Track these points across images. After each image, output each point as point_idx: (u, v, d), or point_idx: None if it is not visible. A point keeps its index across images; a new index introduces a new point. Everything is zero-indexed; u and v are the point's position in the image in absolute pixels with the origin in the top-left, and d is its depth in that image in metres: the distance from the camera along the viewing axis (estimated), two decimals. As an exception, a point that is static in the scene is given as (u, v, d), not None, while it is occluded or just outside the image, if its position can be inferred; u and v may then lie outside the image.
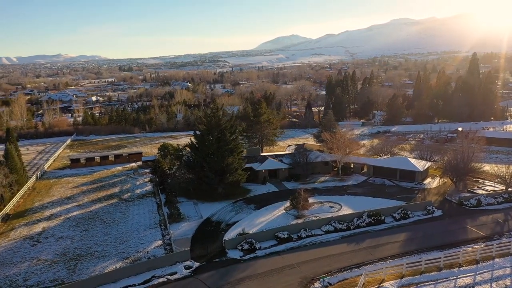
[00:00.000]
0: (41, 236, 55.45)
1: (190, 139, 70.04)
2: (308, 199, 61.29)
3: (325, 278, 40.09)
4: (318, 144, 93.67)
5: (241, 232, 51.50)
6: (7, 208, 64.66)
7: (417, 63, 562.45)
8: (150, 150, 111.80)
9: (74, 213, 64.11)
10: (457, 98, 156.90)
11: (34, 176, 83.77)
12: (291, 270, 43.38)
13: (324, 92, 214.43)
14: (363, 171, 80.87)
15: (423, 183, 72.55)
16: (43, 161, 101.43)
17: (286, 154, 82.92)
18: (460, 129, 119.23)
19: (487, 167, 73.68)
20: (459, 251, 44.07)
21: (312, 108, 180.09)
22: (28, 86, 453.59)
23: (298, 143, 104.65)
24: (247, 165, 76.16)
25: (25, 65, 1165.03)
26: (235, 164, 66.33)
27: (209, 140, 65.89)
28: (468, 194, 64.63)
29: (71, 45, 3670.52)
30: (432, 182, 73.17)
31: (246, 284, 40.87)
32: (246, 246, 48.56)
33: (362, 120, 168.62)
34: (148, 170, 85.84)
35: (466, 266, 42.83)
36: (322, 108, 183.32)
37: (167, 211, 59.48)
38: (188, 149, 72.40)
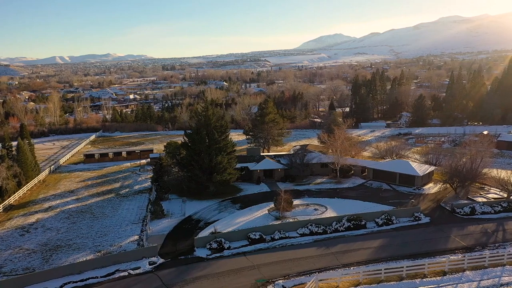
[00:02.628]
0: (32, 227, 58.51)
1: (183, 137, 71.18)
2: (293, 200, 60.59)
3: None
4: (321, 145, 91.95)
5: (213, 231, 51.77)
6: (11, 199, 68.78)
7: (463, 62, 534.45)
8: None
9: (70, 206, 67.04)
10: (490, 100, 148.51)
11: (46, 170, 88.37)
12: (250, 271, 43.06)
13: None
14: (364, 174, 78.51)
15: (423, 188, 69.35)
16: (63, 156, 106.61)
17: (285, 154, 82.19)
18: (485, 132, 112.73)
19: (493, 173, 69.28)
20: (425, 262, 41.85)
21: (337, 109, 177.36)
22: (75, 84, 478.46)
23: (311, 143, 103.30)
24: (244, 165, 76.52)
25: (76, 64, 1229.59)
26: (225, 164, 66.60)
27: (199, 139, 66.57)
28: (465, 201, 61.08)
29: (119, 45, 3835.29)
30: (433, 188, 69.80)
31: (199, 282, 41.09)
32: (214, 245, 48.74)
33: (387, 121, 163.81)
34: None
35: (430, 277, 40.61)
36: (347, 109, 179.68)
37: (151, 208, 60.79)
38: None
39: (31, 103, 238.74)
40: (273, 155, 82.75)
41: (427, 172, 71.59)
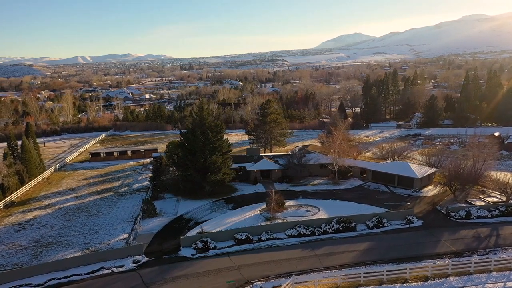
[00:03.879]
0: (28, 223, 59.83)
1: (180, 137, 71.60)
2: (284, 201, 60.28)
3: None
4: (323, 146, 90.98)
5: (200, 230, 51.90)
6: (13, 196, 70.51)
7: (485, 62, 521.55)
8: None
9: (68, 204, 68.29)
10: (506, 100, 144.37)
11: (52, 168, 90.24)
12: (230, 272, 43.00)
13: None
14: (363, 175, 77.40)
15: (421, 190, 67.91)
16: (71, 154, 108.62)
17: (283, 155, 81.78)
18: (496, 134, 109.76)
19: (495, 176, 67.27)
20: (407, 266, 40.95)
21: (349, 109, 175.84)
22: (94, 83, 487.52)
23: (314, 144, 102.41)
24: (242, 165, 76.50)
25: (97, 64, 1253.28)
26: (219, 163, 66.69)
27: (193, 138, 66.85)
28: (461, 205, 59.53)
29: (139, 45, 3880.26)
30: (432, 190, 68.27)
31: (179, 282, 41.25)
32: (200, 245, 48.84)
33: (399, 122, 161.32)
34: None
35: (412, 282, 39.72)
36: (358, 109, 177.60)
37: (143, 206, 61.38)
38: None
39: (49, 102, 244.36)
40: (272, 155, 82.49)
41: (426, 174, 70.09)
